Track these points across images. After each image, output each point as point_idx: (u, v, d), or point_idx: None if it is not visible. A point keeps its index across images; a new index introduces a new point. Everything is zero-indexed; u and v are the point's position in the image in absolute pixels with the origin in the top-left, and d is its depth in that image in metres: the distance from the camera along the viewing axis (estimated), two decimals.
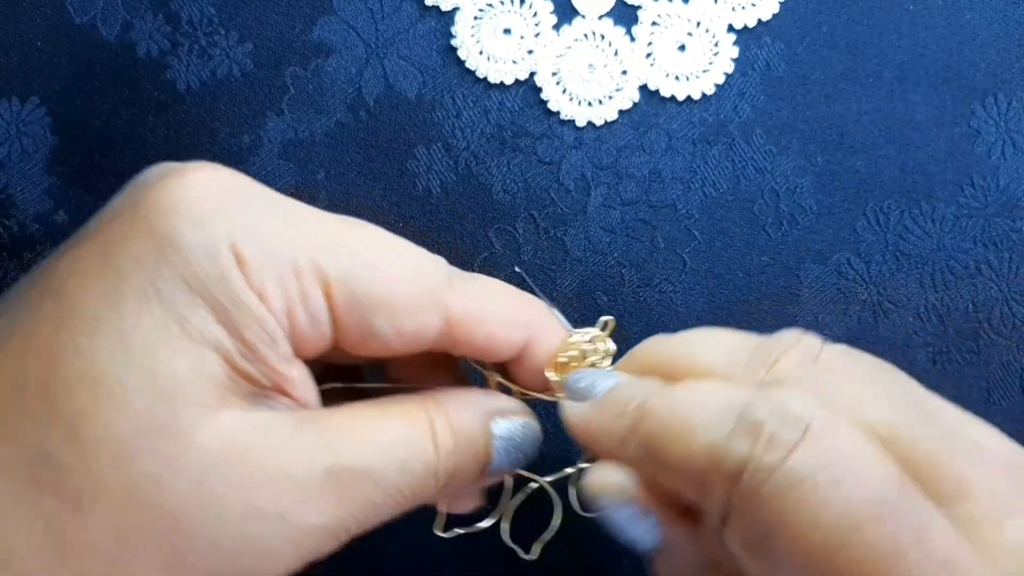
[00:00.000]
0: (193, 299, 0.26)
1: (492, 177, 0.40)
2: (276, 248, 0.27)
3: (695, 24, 0.40)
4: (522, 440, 0.31)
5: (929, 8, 0.40)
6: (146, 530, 0.25)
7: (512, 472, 0.32)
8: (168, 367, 0.25)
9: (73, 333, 0.25)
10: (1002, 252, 0.39)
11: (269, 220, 0.28)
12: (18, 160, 0.40)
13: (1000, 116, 0.39)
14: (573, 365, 0.32)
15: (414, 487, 0.28)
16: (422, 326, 0.29)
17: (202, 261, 0.26)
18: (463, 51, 0.40)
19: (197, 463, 0.25)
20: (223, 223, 0.27)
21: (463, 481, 0.30)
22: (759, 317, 0.39)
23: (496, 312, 0.31)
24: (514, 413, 0.31)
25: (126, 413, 0.25)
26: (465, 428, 0.30)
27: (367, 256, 0.29)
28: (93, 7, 0.41)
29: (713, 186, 0.39)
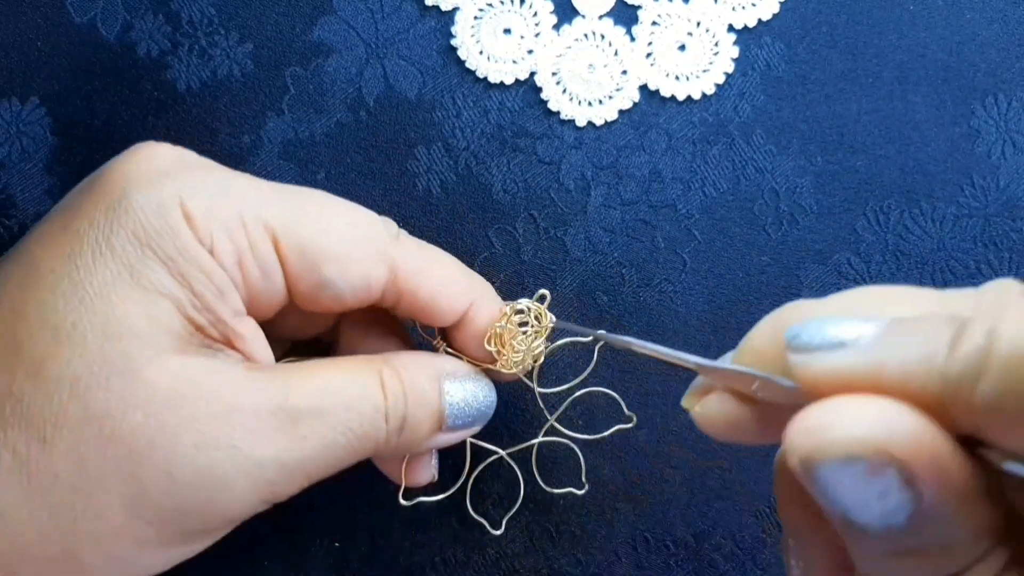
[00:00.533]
0: (144, 252, 0.28)
1: (492, 177, 0.40)
2: (223, 204, 0.29)
3: (695, 24, 0.40)
4: (473, 397, 0.33)
5: (929, 8, 0.40)
6: (105, 460, 0.26)
7: (468, 430, 0.33)
8: (121, 312, 0.27)
9: (36, 288, 0.28)
10: (1002, 252, 0.39)
11: (216, 182, 0.30)
12: (18, 160, 0.40)
13: (1000, 116, 0.39)
14: (510, 336, 0.34)
15: (364, 426, 0.30)
16: (368, 273, 0.31)
17: (151, 217, 0.28)
18: (463, 51, 0.40)
19: (149, 398, 0.27)
20: (171, 184, 0.29)
21: (419, 432, 0.32)
22: (759, 317, 0.39)
23: (441, 273, 0.33)
24: (466, 375, 0.33)
25: (82, 353, 0.27)
26: (414, 379, 0.31)
27: (312, 210, 0.31)
28: (93, 7, 0.41)
29: (713, 186, 0.39)
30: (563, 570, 0.39)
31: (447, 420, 0.32)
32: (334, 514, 0.39)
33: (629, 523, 0.39)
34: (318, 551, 0.39)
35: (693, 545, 0.38)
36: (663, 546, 0.38)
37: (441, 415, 0.32)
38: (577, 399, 0.38)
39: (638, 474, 0.39)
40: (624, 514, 0.39)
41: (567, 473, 0.39)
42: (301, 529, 0.39)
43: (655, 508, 0.39)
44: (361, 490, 0.39)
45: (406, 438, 0.31)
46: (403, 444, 0.32)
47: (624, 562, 0.39)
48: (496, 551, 0.39)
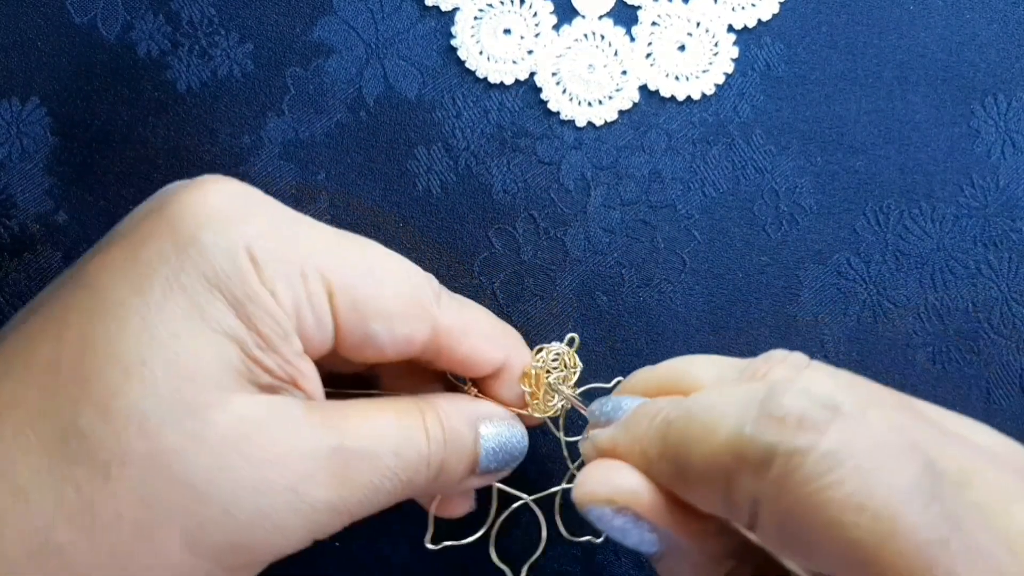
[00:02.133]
0: (212, 293, 0.28)
1: (492, 177, 0.40)
2: (286, 253, 0.29)
3: (695, 24, 0.40)
4: (507, 441, 0.34)
5: (929, 8, 0.40)
6: (168, 499, 0.26)
7: (498, 473, 0.34)
8: (190, 352, 0.27)
9: (104, 320, 0.27)
10: (1002, 252, 0.39)
11: (280, 228, 0.30)
12: (18, 160, 0.40)
13: (1000, 116, 0.39)
14: (543, 378, 0.35)
15: (409, 472, 0.30)
16: (413, 332, 0.32)
17: (221, 259, 0.28)
18: (463, 51, 0.40)
19: (216, 439, 0.27)
20: (239, 228, 0.29)
21: (453, 476, 0.32)
22: (759, 317, 0.39)
23: (478, 329, 0.34)
24: (500, 417, 0.34)
25: (151, 391, 0.27)
26: (453, 425, 0.32)
27: (366, 266, 0.31)
28: (93, 7, 0.41)
29: (713, 186, 0.39)
30: (564, 569, 0.39)
31: (480, 464, 0.33)
32: None
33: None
34: (318, 551, 0.39)
35: None
36: None
37: (475, 460, 0.33)
38: None
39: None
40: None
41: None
42: None
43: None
44: None
45: (441, 482, 0.32)
46: (437, 487, 0.32)
47: (623, 561, 0.39)
48: (497, 551, 0.39)
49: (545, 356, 0.36)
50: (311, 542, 0.30)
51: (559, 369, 0.36)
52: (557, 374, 0.36)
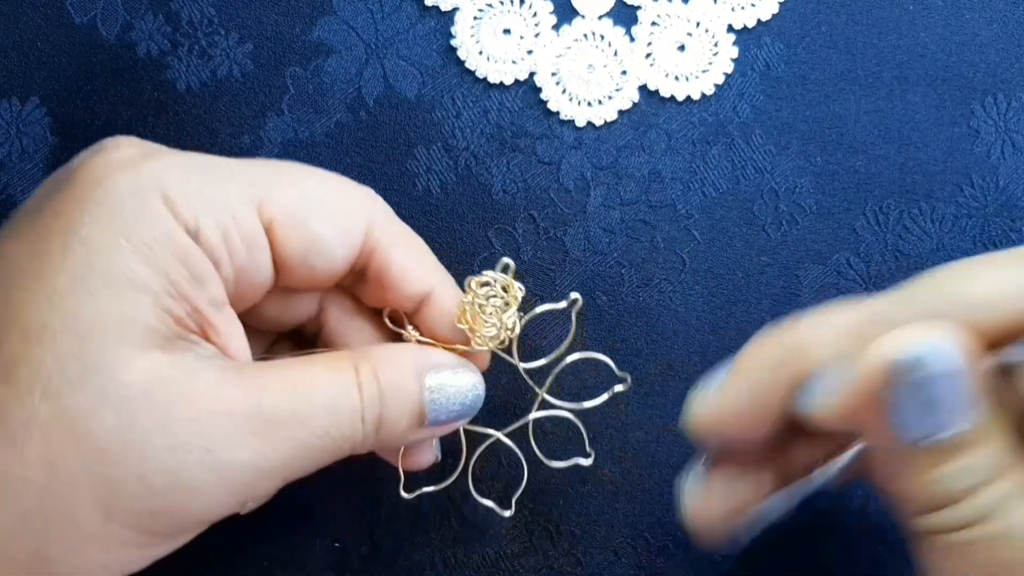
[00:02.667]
0: (118, 242, 0.27)
1: (492, 177, 0.40)
2: (206, 182, 0.29)
3: (695, 24, 0.40)
4: (457, 391, 0.32)
5: (929, 8, 0.40)
6: (76, 463, 0.26)
7: (454, 424, 0.33)
8: (92, 309, 0.26)
9: (5, 288, 0.27)
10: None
11: (197, 165, 0.29)
12: (18, 160, 0.40)
13: (1000, 116, 0.39)
14: (482, 309, 0.33)
15: (342, 429, 0.29)
16: (352, 226, 0.31)
17: (127, 203, 0.27)
18: (463, 51, 0.40)
19: (122, 398, 0.26)
20: (149, 170, 0.28)
21: (396, 430, 0.31)
22: (759, 317, 0.39)
23: (413, 243, 0.33)
24: (448, 366, 0.32)
25: (53, 353, 0.26)
26: (391, 377, 0.31)
27: (295, 175, 0.31)
28: (93, 7, 0.41)
29: (713, 186, 0.39)
30: (563, 570, 0.39)
31: (428, 416, 0.31)
32: (334, 514, 0.39)
33: (629, 523, 0.39)
34: (318, 551, 0.39)
35: (693, 545, 0.38)
36: (663, 546, 0.39)
37: (421, 411, 0.31)
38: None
39: (638, 474, 0.39)
40: (624, 514, 0.39)
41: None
42: (301, 529, 0.39)
43: (655, 508, 0.39)
44: (361, 489, 0.39)
45: (385, 436, 0.31)
46: (384, 441, 0.31)
47: (624, 562, 0.39)
48: (496, 551, 0.39)
49: (476, 287, 0.33)
50: (240, 506, 0.29)
51: (496, 297, 0.33)
52: (495, 302, 0.33)
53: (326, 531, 0.39)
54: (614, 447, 0.39)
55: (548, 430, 0.38)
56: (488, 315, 0.33)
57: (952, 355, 0.24)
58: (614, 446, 0.39)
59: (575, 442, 0.38)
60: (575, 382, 0.39)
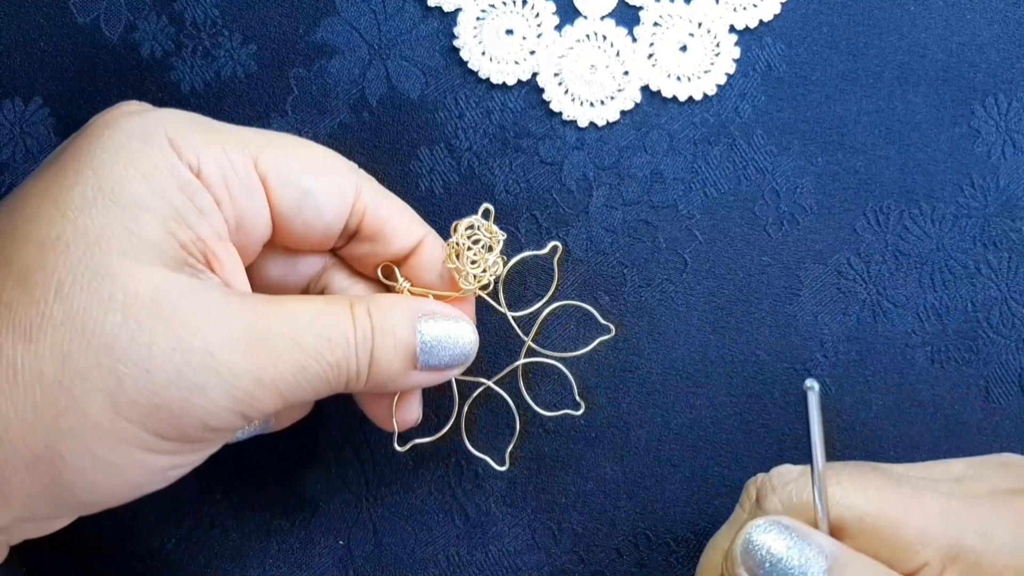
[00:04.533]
0: (128, 171, 0.30)
1: (494, 177, 0.40)
2: (204, 131, 0.32)
3: (697, 25, 0.40)
4: (448, 338, 0.34)
5: (930, 9, 0.40)
6: (86, 358, 0.28)
7: (448, 370, 0.34)
8: (100, 224, 0.29)
9: (24, 209, 0.30)
10: (1001, 252, 0.39)
11: (198, 121, 0.32)
12: (22, 160, 0.40)
13: (1000, 116, 0.40)
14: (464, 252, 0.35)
15: (336, 355, 0.31)
16: (342, 184, 0.34)
17: (135, 140, 0.30)
18: (465, 52, 0.40)
19: (129, 302, 0.28)
20: (155, 119, 0.31)
21: (390, 368, 0.33)
22: (759, 317, 0.39)
23: (398, 203, 0.35)
24: (442, 314, 0.34)
25: (65, 260, 0.28)
26: (384, 316, 0.33)
27: (285, 139, 0.34)
28: (96, 7, 0.41)
29: (714, 186, 0.40)
30: (565, 568, 0.39)
31: (420, 358, 0.33)
32: (339, 513, 0.39)
33: (631, 521, 0.39)
34: (323, 550, 0.39)
35: (694, 543, 0.39)
36: (664, 544, 0.39)
37: (413, 353, 0.33)
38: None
39: (639, 472, 0.39)
40: (625, 512, 0.39)
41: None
42: (307, 528, 0.39)
43: (656, 506, 0.39)
44: (366, 489, 0.39)
45: (378, 374, 0.32)
46: (377, 380, 0.33)
47: (625, 559, 0.39)
48: (499, 549, 0.39)
49: (462, 229, 0.35)
50: (242, 419, 0.30)
51: (477, 239, 0.35)
52: (480, 244, 0.35)
53: (330, 529, 0.39)
54: (616, 446, 0.39)
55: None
56: (474, 254, 0.35)
57: (775, 530, 0.28)
58: (616, 445, 0.39)
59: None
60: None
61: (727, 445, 0.39)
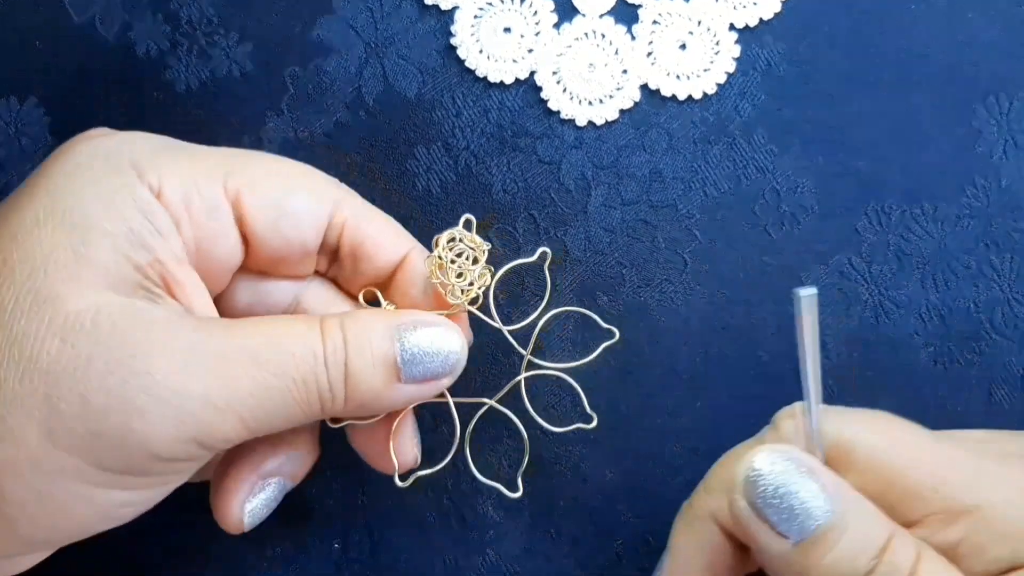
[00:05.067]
0: (82, 191, 0.29)
1: (492, 177, 0.40)
2: (171, 152, 0.31)
3: (696, 23, 0.40)
4: (431, 344, 0.31)
5: (931, 9, 0.40)
6: (22, 383, 0.27)
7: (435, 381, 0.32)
8: (47, 246, 0.28)
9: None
10: (1004, 252, 0.39)
11: (165, 142, 0.31)
12: (17, 160, 0.40)
13: (1002, 116, 0.39)
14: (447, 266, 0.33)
15: (301, 369, 0.29)
16: (321, 198, 0.32)
17: (96, 160, 0.30)
18: (463, 50, 0.40)
19: (69, 326, 0.27)
20: (119, 140, 0.30)
21: (372, 384, 0.31)
22: (760, 317, 0.39)
23: (381, 217, 0.34)
24: (423, 321, 0.32)
25: (10, 284, 0.28)
26: (360, 328, 0.31)
27: (259, 157, 0.33)
28: (92, 7, 0.41)
29: (714, 186, 0.39)
30: (564, 572, 0.39)
31: (402, 369, 0.31)
32: (334, 516, 0.39)
33: (631, 525, 0.39)
34: (318, 554, 0.39)
35: None
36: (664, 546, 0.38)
37: (393, 364, 0.31)
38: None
39: (639, 476, 0.39)
40: (625, 516, 0.39)
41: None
42: (302, 532, 0.39)
43: (657, 510, 0.39)
44: (361, 492, 0.39)
45: (356, 390, 0.30)
46: (357, 399, 0.31)
47: (625, 564, 0.38)
48: (496, 554, 0.39)
49: (443, 242, 0.33)
50: (199, 446, 0.28)
51: (460, 251, 0.33)
52: (463, 260, 0.33)
53: (326, 533, 0.39)
54: (615, 449, 0.39)
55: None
56: (458, 267, 0.33)
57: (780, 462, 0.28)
58: (615, 448, 0.39)
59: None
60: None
61: (728, 447, 0.38)
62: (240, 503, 0.33)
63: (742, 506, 0.28)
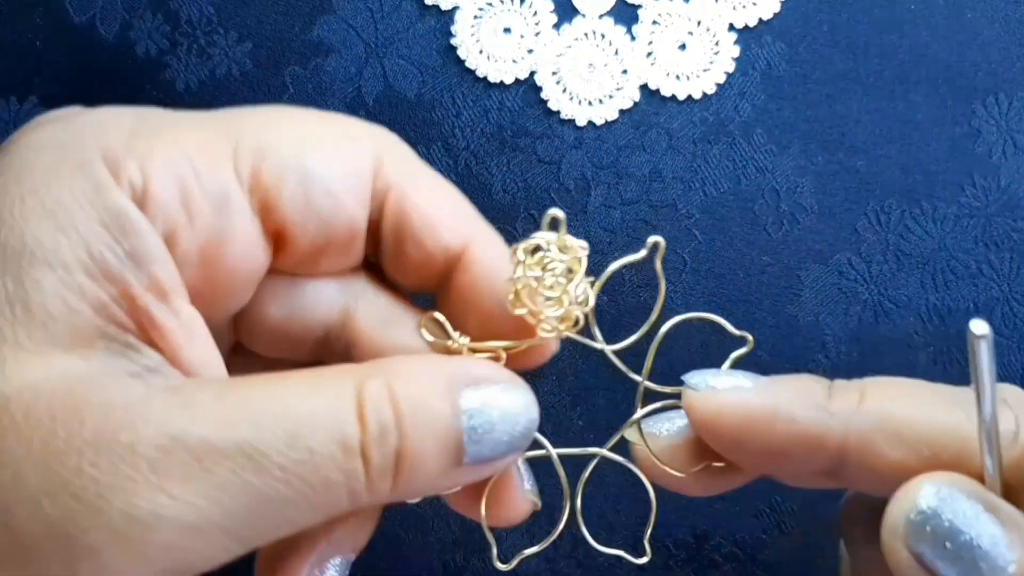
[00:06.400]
0: (23, 205, 0.21)
1: (492, 177, 0.40)
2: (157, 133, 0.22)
3: (696, 23, 0.40)
4: (503, 415, 0.23)
5: (930, 8, 0.40)
6: None
7: (500, 460, 0.24)
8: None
9: None
10: (1003, 252, 0.39)
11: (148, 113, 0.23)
12: None
13: (1001, 116, 0.39)
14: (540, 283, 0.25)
15: (324, 470, 0.21)
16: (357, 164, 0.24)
17: (44, 157, 0.22)
18: (463, 50, 0.40)
19: (6, 412, 0.20)
20: (82, 124, 0.22)
21: (426, 474, 0.23)
22: (760, 317, 0.39)
23: (435, 184, 0.26)
24: (493, 381, 0.24)
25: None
26: (414, 394, 0.22)
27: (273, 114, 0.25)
28: (92, 6, 0.41)
29: (714, 185, 0.39)
30: (564, 572, 0.38)
31: (467, 449, 0.23)
32: None
33: (630, 525, 0.39)
34: None
35: (694, 546, 0.38)
36: (664, 547, 0.38)
37: (458, 444, 0.23)
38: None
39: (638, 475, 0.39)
40: (625, 516, 0.39)
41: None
42: None
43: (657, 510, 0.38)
44: None
45: (408, 482, 0.22)
46: (402, 491, 0.23)
47: (625, 564, 0.38)
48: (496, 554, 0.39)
49: (524, 255, 0.24)
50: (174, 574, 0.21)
51: (550, 264, 0.25)
52: (555, 270, 0.25)
53: None
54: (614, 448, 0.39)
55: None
56: (550, 289, 0.24)
57: (953, 499, 0.22)
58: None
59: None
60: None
61: None
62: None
63: (904, 557, 0.22)
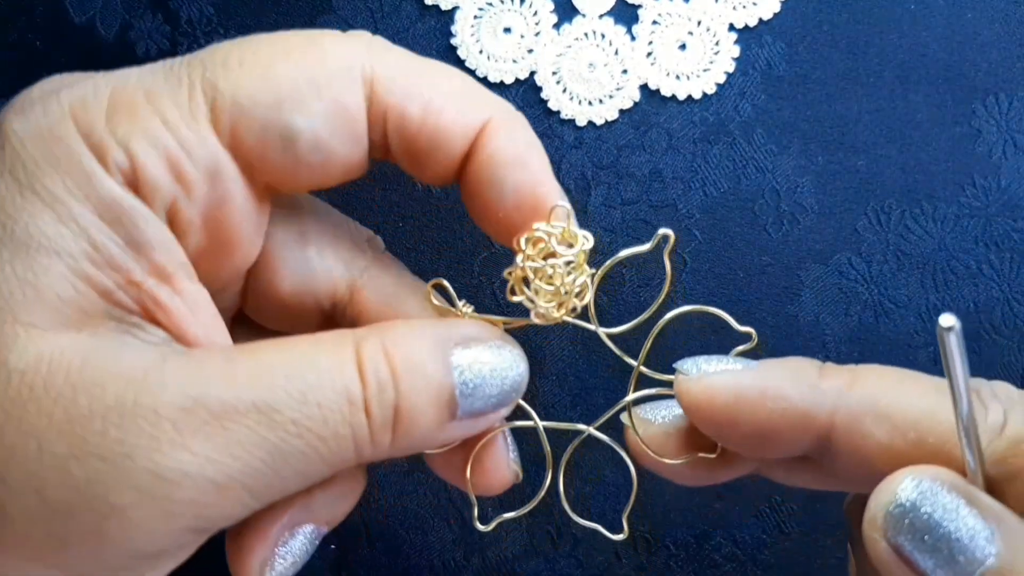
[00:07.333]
0: (24, 196, 0.22)
1: None
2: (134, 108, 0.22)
3: (696, 23, 0.40)
4: (493, 370, 0.25)
5: (930, 8, 0.40)
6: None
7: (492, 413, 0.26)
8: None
9: None
10: (1003, 252, 0.39)
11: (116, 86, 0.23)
12: None
13: (1001, 116, 0.39)
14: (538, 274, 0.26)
15: (332, 424, 0.22)
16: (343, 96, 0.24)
17: (34, 146, 0.22)
18: (463, 50, 0.40)
19: (12, 392, 0.21)
20: (62, 101, 0.23)
21: (423, 423, 0.24)
22: (760, 317, 0.39)
23: (438, 74, 0.25)
24: (482, 339, 0.25)
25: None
26: (409, 353, 0.24)
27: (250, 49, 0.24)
28: (92, 6, 0.40)
29: (714, 185, 0.39)
30: (564, 572, 0.38)
31: (460, 403, 0.24)
32: None
33: (630, 524, 0.39)
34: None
35: (694, 546, 0.38)
36: (664, 547, 0.38)
37: (451, 398, 0.24)
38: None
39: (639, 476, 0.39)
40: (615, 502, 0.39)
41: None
42: None
43: (656, 509, 0.39)
44: None
45: (405, 435, 0.24)
46: (401, 444, 0.24)
47: (625, 563, 0.38)
48: (496, 554, 0.39)
49: (527, 247, 0.26)
50: (200, 533, 0.23)
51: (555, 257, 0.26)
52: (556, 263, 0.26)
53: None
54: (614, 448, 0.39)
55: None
56: (548, 281, 0.26)
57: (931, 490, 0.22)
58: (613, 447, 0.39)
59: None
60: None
61: None
62: (260, 562, 0.26)
63: (882, 548, 0.22)
